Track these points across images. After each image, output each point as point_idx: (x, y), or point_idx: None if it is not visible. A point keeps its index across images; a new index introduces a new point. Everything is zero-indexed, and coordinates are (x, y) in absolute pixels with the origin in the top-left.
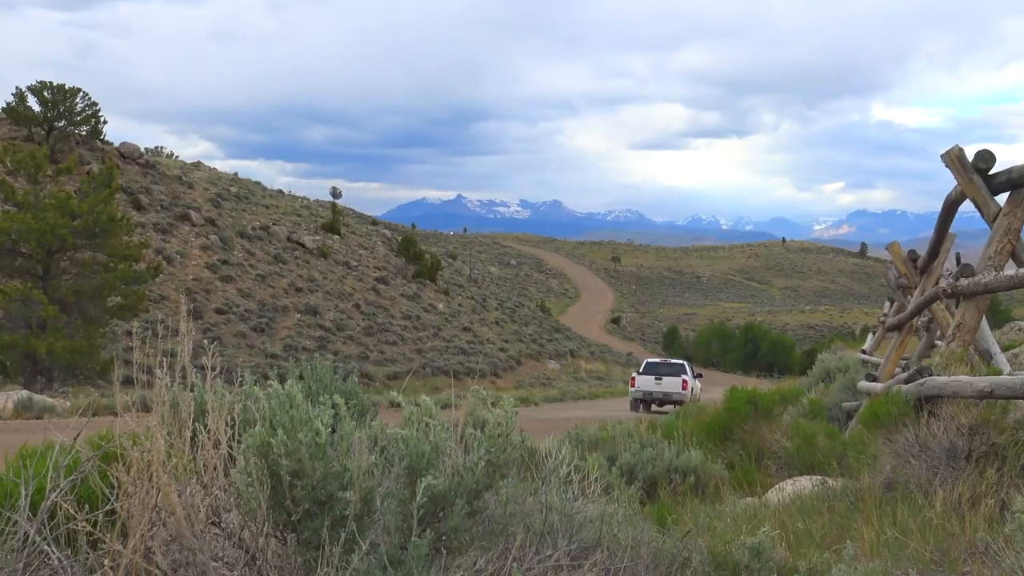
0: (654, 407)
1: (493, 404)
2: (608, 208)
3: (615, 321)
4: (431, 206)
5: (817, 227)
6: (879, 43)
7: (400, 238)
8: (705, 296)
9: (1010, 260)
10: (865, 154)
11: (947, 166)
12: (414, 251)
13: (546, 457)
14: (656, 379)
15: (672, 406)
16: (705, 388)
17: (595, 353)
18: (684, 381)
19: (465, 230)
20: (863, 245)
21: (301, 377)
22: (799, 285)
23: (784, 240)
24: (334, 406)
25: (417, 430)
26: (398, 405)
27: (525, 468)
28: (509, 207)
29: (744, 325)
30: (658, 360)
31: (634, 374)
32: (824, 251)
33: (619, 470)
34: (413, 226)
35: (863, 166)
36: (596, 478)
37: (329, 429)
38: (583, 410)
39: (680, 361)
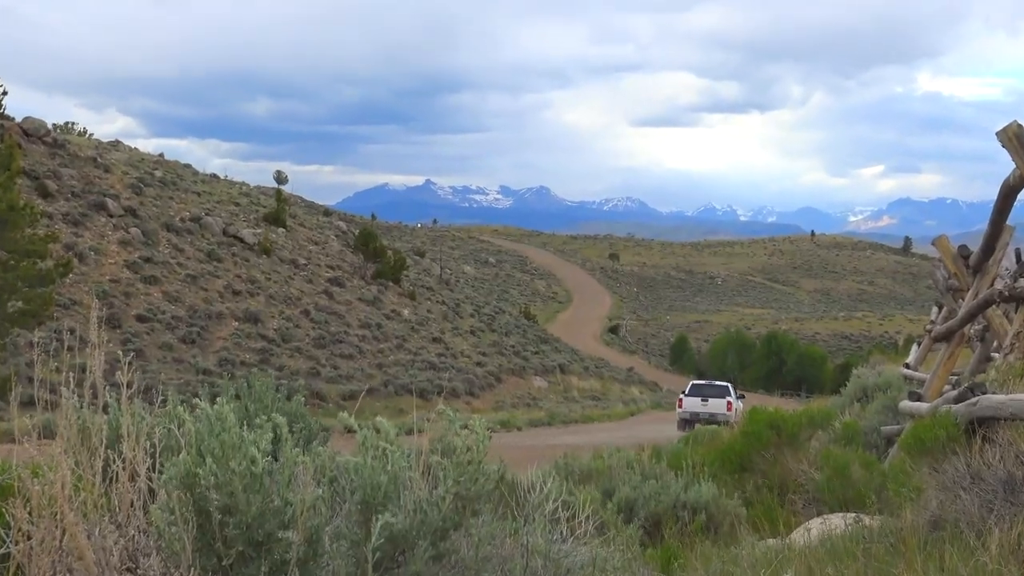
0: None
1: (465, 427)
2: (605, 196)
3: (613, 330)
4: (395, 193)
5: (853, 218)
6: (927, 1)
7: (358, 232)
8: (720, 300)
9: None
10: (910, 132)
11: (1004, 146)
12: (374, 247)
13: (529, 491)
14: (702, 400)
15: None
16: None
17: (589, 368)
18: (729, 402)
19: (435, 222)
20: (907, 240)
21: (237, 396)
22: (831, 287)
23: (814, 234)
24: (274, 429)
25: (373, 458)
26: (353, 430)
27: (503, 504)
28: (487, 195)
29: (766, 335)
30: (703, 382)
31: (681, 395)
32: (861, 247)
33: (616, 506)
34: (373, 217)
35: (907, 146)
36: (588, 516)
37: (269, 457)
38: (575, 435)
39: (724, 383)
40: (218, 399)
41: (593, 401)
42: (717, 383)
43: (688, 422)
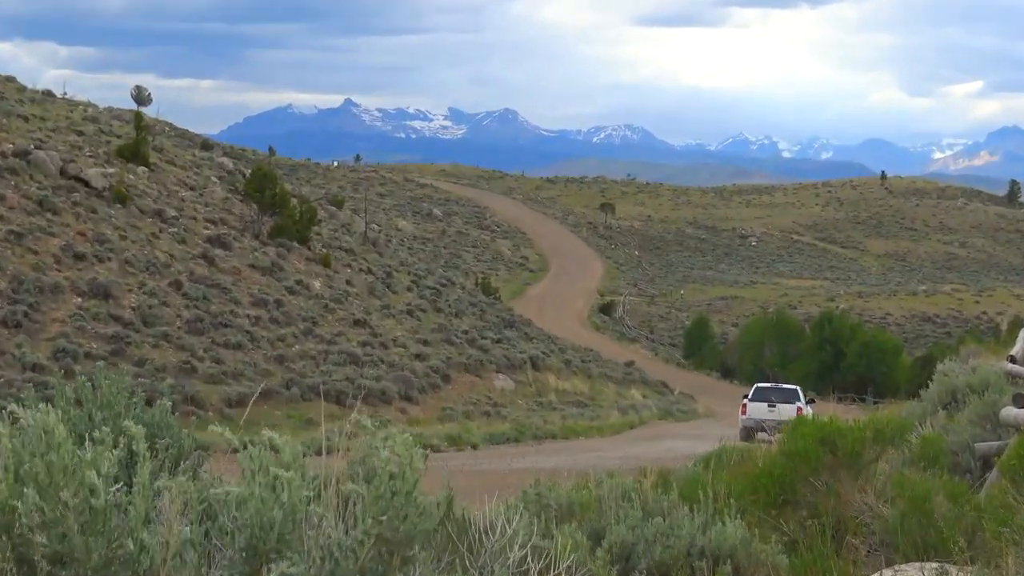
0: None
1: (387, 441)
2: (596, 124)
3: (606, 310)
4: (302, 119)
5: (939, 155)
6: None
7: (250, 172)
8: (754, 269)
9: None
10: (1019, 35)
11: None
12: (273, 194)
13: (487, 532)
14: (769, 406)
15: None
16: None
17: (573, 363)
18: (799, 408)
19: (358, 159)
20: (1013, 185)
21: (78, 402)
22: (909, 250)
23: (885, 176)
24: (127, 445)
25: (264, 487)
26: (239, 448)
27: (450, 550)
28: (432, 121)
29: (818, 317)
30: (768, 385)
31: (745, 400)
32: (950, 194)
33: (608, 554)
34: (272, 152)
35: (1015, 55)
36: (570, 566)
37: (118, 485)
38: (552, 456)
39: (793, 386)
40: (46, 405)
41: (578, 409)
42: (785, 386)
43: (753, 431)
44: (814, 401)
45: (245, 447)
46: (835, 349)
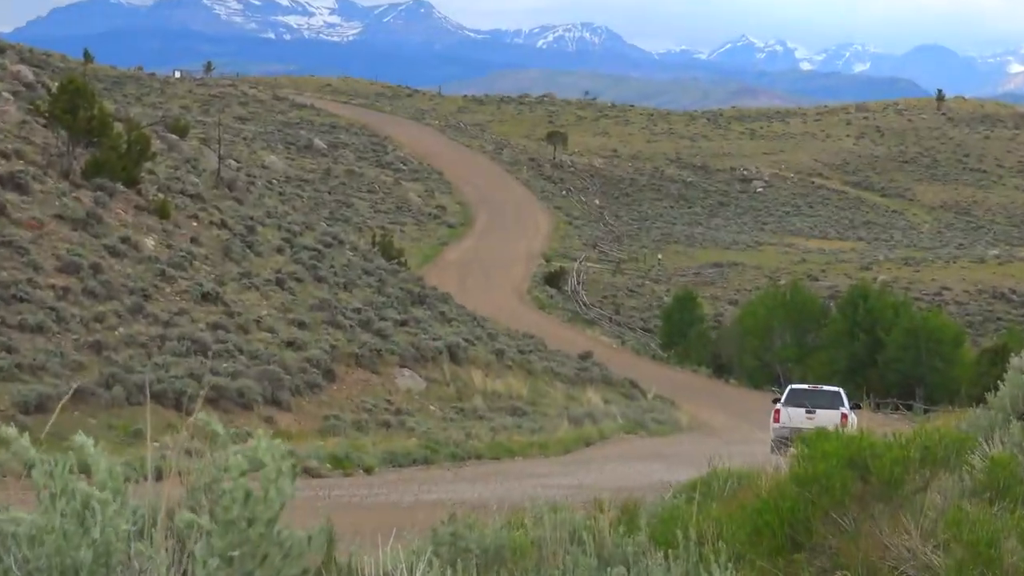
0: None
1: (240, 454)
2: (541, 21)
3: (553, 281)
4: (131, 12)
5: (1017, 68)
6: None
7: (57, 86)
8: (760, 224)
9: None
10: None
11: None
12: (89, 117)
13: None
14: (808, 412)
15: None
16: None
17: (506, 354)
18: (843, 415)
19: (210, 69)
20: None
21: None
22: (975, 200)
23: (942, 97)
24: None
25: (67, 517)
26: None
27: None
28: (313, 16)
29: (848, 293)
30: (806, 387)
31: (777, 406)
32: None
33: None
34: (88, 59)
35: None
36: None
37: None
38: (477, 483)
39: (835, 388)
40: None
41: (513, 418)
42: (826, 388)
43: (788, 442)
44: (859, 407)
45: (41, 464)
46: (871, 338)
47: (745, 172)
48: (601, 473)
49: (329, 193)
